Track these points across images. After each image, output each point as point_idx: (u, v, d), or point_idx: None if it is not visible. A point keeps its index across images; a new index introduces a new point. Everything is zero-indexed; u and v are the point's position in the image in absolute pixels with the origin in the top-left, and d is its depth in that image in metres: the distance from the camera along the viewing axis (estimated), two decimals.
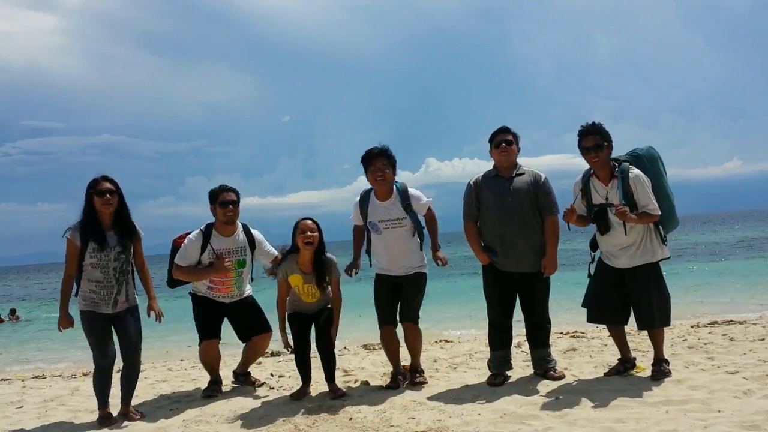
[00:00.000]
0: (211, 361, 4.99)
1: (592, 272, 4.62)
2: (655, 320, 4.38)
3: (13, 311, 17.23)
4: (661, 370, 4.38)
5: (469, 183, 4.75)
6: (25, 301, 26.46)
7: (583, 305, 4.64)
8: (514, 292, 4.63)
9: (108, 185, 4.21)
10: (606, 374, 4.60)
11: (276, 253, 4.90)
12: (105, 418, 4.24)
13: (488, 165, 4.81)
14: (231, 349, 6.07)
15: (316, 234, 4.55)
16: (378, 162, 4.60)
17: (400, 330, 4.79)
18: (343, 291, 4.72)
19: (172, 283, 4.97)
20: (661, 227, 4.39)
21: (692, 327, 6.90)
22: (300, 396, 4.58)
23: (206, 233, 4.79)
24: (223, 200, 4.75)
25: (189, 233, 4.89)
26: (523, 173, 4.60)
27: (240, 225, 4.90)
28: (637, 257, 4.35)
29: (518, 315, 4.73)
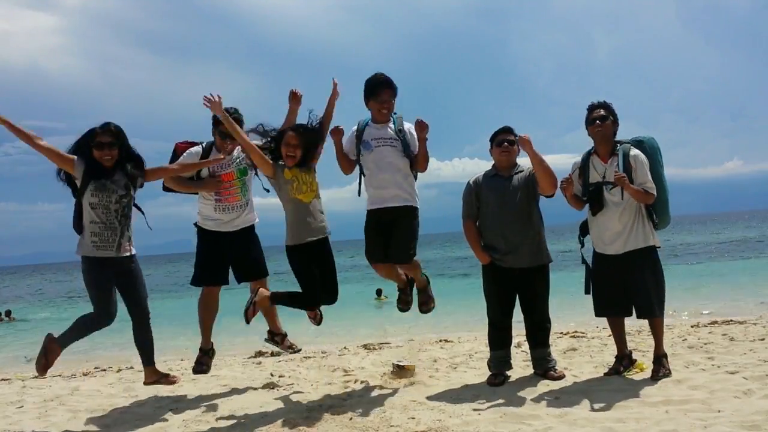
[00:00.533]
0: (209, 315, 4.86)
1: (584, 258, 4.63)
2: (655, 309, 4.39)
3: (8, 312, 17.22)
4: (662, 367, 4.39)
5: (468, 182, 4.79)
6: (22, 300, 26.46)
7: (586, 292, 4.63)
8: (514, 290, 4.64)
9: (107, 138, 4.16)
10: (606, 374, 4.60)
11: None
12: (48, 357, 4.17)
13: (488, 165, 4.82)
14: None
15: (300, 151, 4.35)
16: (385, 94, 4.57)
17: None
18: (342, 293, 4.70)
19: (165, 187, 4.83)
20: (654, 213, 4.40)
21: (692, 327, 6.90)
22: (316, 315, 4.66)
23: (206, 151, 4.75)
24: (223, 131, 4.56)
25: (193, 143, 4.84)
26: (522, 170, 4.66)
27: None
28: (630, 242, 4.37)
29: (518, 315, 4.74)
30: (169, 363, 7.15)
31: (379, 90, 4.57)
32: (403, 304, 4.96)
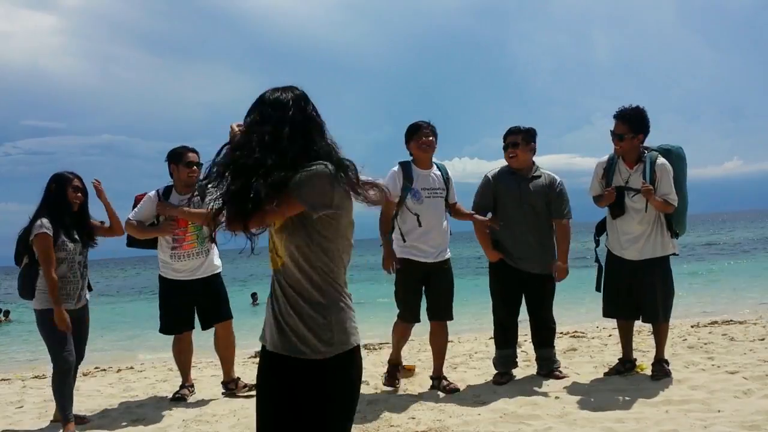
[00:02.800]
0: (184, 358, 4.83)
1: (598, 257, 4.65)
2: (659, 315, 4.40)
3: (6, 313, 17.13)
4: (662, 369, 4.39)
5: (486, 176, 4.72)
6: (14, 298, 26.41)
7: (597, 289, 4.65)
8: (521, 290, 4.63)
9: (78, 183, 4.21)
10: (606, 374, 4.60)
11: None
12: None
13: (489, 164, 4.82)
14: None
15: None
16: (426, 130, 4.48)
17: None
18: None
19: (129, 241, 4.76)
20: (672, 222, 4.40)
21: (692, 327, 6.89)
22: None
23: (165, 193, 4.66)
24: (189, 161, 4.60)
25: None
26: (540, 176, 4.60)
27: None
28: (646, 250, 4.36)
29: (522, 315, 4.73)
30: (168, 363, 7.15)
31: (421, 128, 4.46)
32: (390, 379, 4.72)
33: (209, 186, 1.79)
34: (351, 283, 1.97)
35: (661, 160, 4.32)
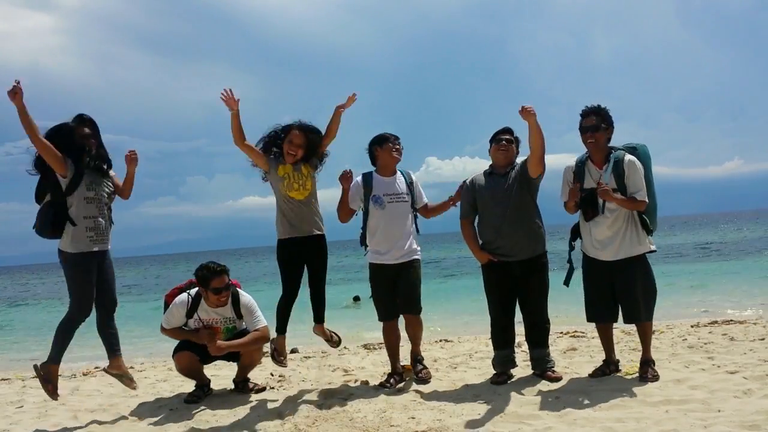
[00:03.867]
0: (190, 370, 4.83)
1: (570, 259, 4.59)
2: (641, 314, 4.38)
3: None
4: (649, 370, 4.38)
5: (464, 182, 4.81)
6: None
7: (565, 284, 4.59)
8: (514, 288, 4.62)
9: (88, 129, 4.29)
10: (590, 375, 4.58)
11: (264, 323, 4.74)
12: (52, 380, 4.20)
13: (489, 163, 4.80)
14: None
15: (301, 151, 4.61)
16: (394, 141, 4.77)
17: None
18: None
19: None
20: (647, 218, 4.38)
21: (692, 327, 6.90)
22: (280, 350, 4.73)
23: (194, 302, 4.68)
24: (216, 287, 4.54)
25: (181, 288, 4.82)
26: (515, 166, 4.64)
27: (230, 296, 4.71)
28: (622, 249, 4.34)
29: (519, 316, 4.73)
30: (168, 363, 7.16)
31: (389, 139, 4.77)
32: (386, 381, 4.81)
33: None
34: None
35: (628, 157, 4.32)
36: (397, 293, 4.75)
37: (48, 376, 4.26)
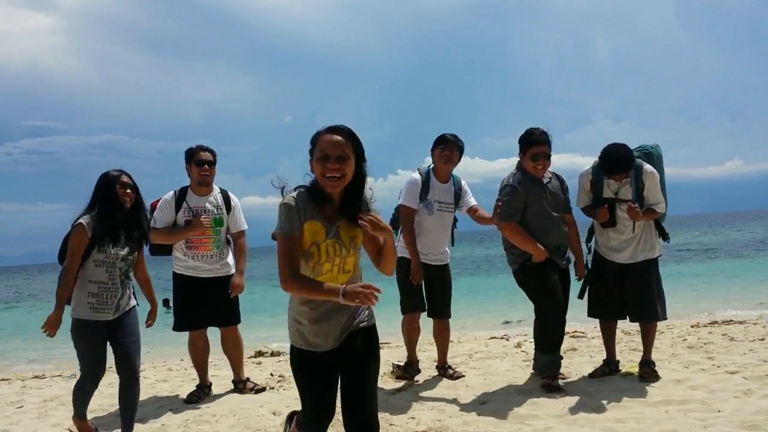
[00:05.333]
0: (199, 356, 4.84)
1: (587, 264, 4.60)
2: (658, 313, 4.39)
3: None
4: (649, 371, 4.38)
5: (515, 186, 4.40)
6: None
7: (580, 296, 4.58)
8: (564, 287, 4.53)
9: (127, 179, 3.77)
10: (590, 375, 4.58)
11: (246, 227, 4.80)
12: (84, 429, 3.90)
13: (490, 164, 4.84)
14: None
15: (349, 166, 2.44)
16: (449, 143, 4.70)
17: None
18: None
19: (153, 249, 4.67)
20: (662, 223, 4.43)
21: (692, 327, 6.89)
22: None
23: (181, 193, 4.70)
24: (199, 159, 4.64)
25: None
26: (551, 177, 4.54)
27: (217, 188, 4.80)
28: (638, 252, 4.37)
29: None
30: (168, 363, 7.16)
31: (445, 141, 4.69)
32: (407, 372, 4.96)
33: None
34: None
35: (647, 167, 4.31)
36: (427, 296, 4.84)
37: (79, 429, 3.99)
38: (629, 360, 5.02)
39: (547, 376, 4.39)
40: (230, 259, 4.84)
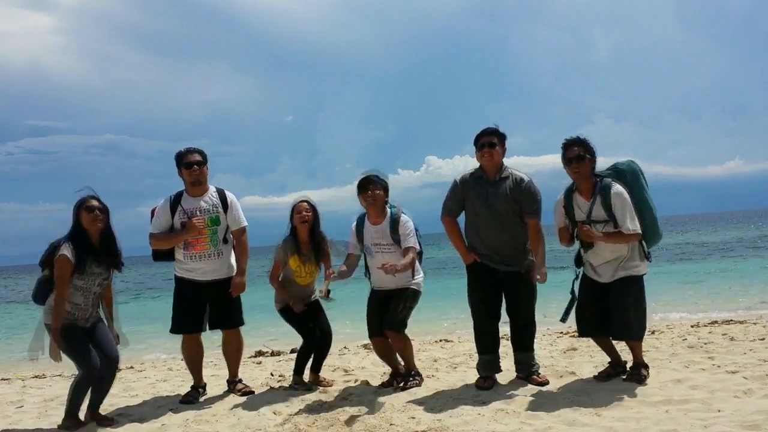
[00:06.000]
0: (193, 359, 4.85)
1: (575, 289, 4.52)
2: (632, 333, 4.32)
3: None
4: (636, 374, 4.35)
5: (455, 180, 4.65)
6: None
7: (562, 320, 4.48)
8: (500, 291, 4.56)
9: (96, 203, 4.11)
10: (596, 377, 4.54)
11: (245, 223, 4.81)
12: (76, 424, 4.12)
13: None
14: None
15: (311, 213, 4.83)
16: (372, 184, 4.65)
17: None
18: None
19: (155, 255, 4.81)
20: (644, 243, 4.31)
21: (692, 327, 6.90)
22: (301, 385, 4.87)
23: (176, 197, 4.73)
24: (188, 161, 4.65)
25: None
26: (507, 176, 4.50)
27: (213, 187, 4.80)
28: (619, 272, 4.30)
29: (506, 317, 4.69)
30: (168, 363, 7.17)
31: (364, 185, 4.66)
32: (388, 382, 4.84)
33: None
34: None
35: (615, 188, 4.21)
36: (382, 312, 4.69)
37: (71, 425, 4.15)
38: (624, 360, 5.02)
39: (479, 377, 4.60)
40: (232, 260, 4.84)
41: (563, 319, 4.47)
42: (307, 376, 4.97)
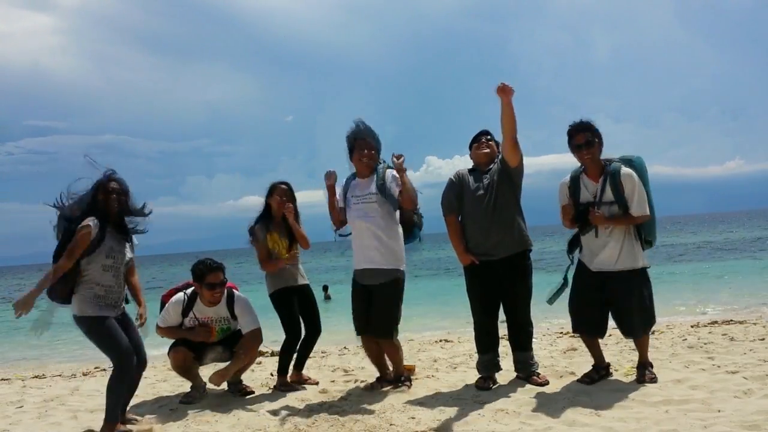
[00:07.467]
0: (181, 368, 4.85)
1: (568, 277, 4.51)
2: (638, 331, 4.32)
3: None
4: (645, 374, 4.35)
5: (450, 178, 4.69)
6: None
7: (549, 302, 4.51)
8: (498, 289, 4.54)
9: (115, 185, 3.97)
10: (579, 380, 4.49)
11: (257, 325, 4.75)
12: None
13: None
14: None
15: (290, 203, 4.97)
16: (364, 143, 4.60)
17: None
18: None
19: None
20: (643, 231, 4.31)
21: (692, 327, 6.90)
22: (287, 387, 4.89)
23: (190, 300, 4.73)
24: (211, 282, 4.59)
25: (177, 289, 4.89)
26: (496, 163, 4.59)
27: (224, 298, 4.75)
28: (620, 261, 4.26)
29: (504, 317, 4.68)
30: (168, 363, 7.15)
31: (360, 140, 4.61)
32: (372, 384, 4.81)
33: None
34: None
35: (625, 170, 4.22)
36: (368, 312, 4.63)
37: None
38: (629, 360, 5.02)
39: (479, 377, 4.60)
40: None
41: (550, 301, 4.48)
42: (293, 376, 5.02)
